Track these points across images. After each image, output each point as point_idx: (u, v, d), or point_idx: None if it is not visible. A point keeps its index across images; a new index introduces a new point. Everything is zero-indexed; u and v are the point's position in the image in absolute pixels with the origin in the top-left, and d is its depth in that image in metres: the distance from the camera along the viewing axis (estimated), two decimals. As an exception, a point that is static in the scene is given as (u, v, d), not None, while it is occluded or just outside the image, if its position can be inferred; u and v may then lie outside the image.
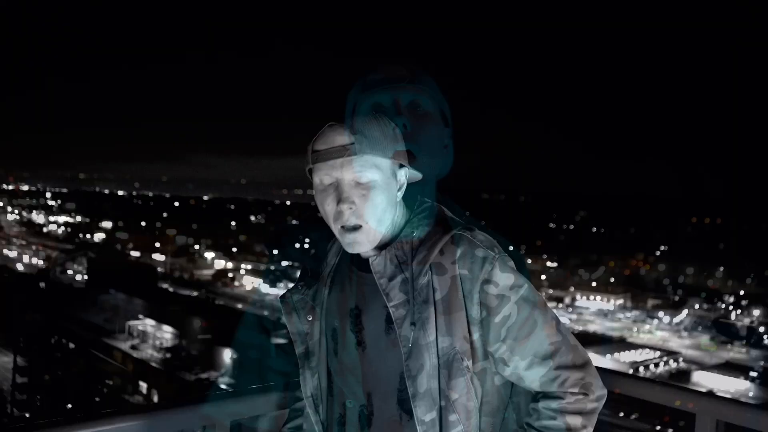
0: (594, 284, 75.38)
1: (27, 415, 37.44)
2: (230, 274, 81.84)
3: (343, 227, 1.21)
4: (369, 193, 1.19)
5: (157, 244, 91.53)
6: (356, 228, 1.20)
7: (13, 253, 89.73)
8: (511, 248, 1.31)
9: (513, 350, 1.19)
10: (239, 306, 63.09)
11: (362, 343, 1.24)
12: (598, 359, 44.87)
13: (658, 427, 37.59)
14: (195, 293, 65.24)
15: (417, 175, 1.31)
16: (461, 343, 1.18)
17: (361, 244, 1.21)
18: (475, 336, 1.20)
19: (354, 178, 1.19)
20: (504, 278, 1.18)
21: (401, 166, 1.24)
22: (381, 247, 1.23)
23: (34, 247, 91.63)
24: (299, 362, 1.33)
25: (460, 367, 1.17)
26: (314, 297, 1.33)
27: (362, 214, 1.20)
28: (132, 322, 44.69)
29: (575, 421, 1.20)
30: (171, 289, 64.09)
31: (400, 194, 1.25)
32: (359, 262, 1.27)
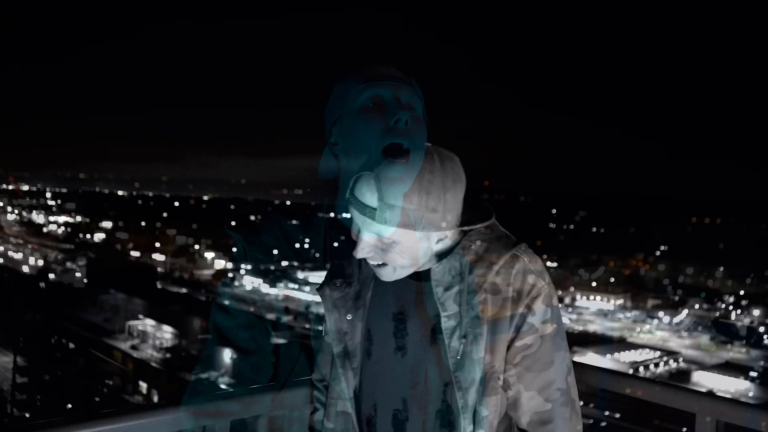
0: (594, 284, 75.35)
1: (27, 415, 37.41)
2: (230, 274, 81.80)
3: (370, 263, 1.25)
4: (389, 249, 1.20)
5: (157, 244, 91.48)
6: (380, 266, 1.23)
7: (13, 253, 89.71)
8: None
9: (520, 377, 1.21)
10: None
11: (403, 348, 1.25)
12: (598, 359, 44.93)
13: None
14: (195, 293, 65.22)
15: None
16: (500, 363, 1.20)
17: (390, 277, 1.24)
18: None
19: (374, 236, 1.19)
20: (542, 310, 1.21)
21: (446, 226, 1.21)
22: (442, 255, 1.23)
23: (34, 247, 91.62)
24: (336, 361, 1.32)
25: (495, 386, 1.20)
26: (356, 297, 1.32)
27: (384, 259, 1.21)
28: (132, 322, 44.69)
29: None
30: (171, 289, 64.07)
31: (441, 244, 1.23)
32: None
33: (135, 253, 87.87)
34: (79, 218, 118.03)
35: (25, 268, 74.77)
